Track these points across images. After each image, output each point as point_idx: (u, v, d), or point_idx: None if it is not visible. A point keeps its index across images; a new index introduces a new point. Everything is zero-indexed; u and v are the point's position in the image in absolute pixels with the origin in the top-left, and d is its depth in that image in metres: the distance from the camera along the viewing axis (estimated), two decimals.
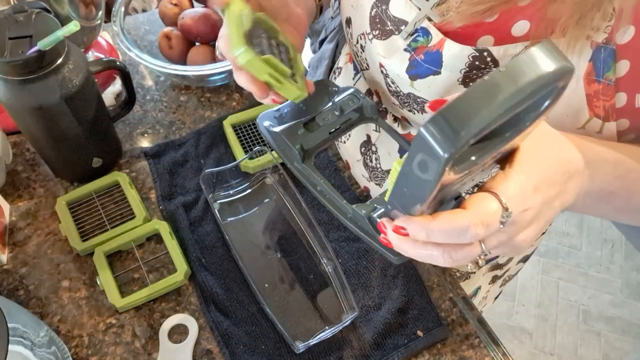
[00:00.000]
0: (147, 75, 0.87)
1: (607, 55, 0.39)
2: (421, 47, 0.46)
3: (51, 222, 0.70)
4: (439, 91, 0.47)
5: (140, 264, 0.67)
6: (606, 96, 0.40)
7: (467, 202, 0.34)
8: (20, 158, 0.76)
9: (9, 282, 0.65)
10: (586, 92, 0.41)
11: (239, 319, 0.63)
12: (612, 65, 0.39)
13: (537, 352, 1.70)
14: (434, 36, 0.45)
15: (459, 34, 0.44)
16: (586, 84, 0.40)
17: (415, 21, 0.45)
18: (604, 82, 0.40)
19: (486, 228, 0.33)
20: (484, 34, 0.43)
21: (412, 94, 0.50)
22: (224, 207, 0.72)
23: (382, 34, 0.49)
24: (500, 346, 0.63)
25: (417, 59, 0.46)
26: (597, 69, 0.39)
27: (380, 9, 0.48)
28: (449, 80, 0.45)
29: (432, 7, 0.44)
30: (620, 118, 0.42)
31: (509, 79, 0.28)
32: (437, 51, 0.45)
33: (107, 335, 0.62)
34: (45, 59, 0.58)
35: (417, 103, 0.50)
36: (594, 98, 0.41)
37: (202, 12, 0.81)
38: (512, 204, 0.34)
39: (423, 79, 0.47)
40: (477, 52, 0.43)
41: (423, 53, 0.46)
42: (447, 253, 0.35)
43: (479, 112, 0.28)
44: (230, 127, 0.77)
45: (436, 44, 0.45)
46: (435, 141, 0.28)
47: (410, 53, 0.47)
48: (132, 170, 0.76)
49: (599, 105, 0.41)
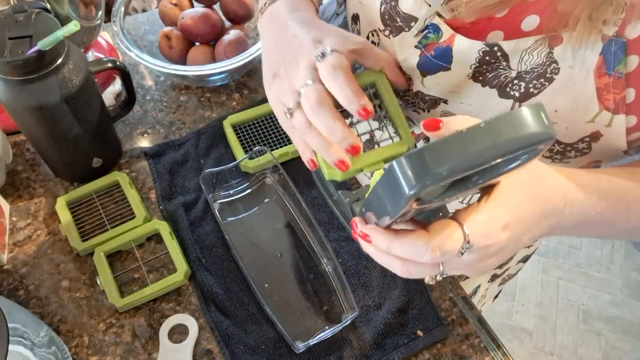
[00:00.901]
0: (147, 75, 0.87)
1: (618, 48, 0.38)
2: (432, 44, 0.46)
3: (51, 222, 0.70)
4: (448, 88, 0.47)
5: (140, 264, 0.67)
6: (616, 89, 0.40)
7: (433, 226, 0.35)
8: (20, 158, 0.76)
9: (9, 282, 0.65)
10: (596, 85, 0.40)
11: (239, 319, 0.63)
12: (622, 58, 0.39)
13: (537, 352, 1.70)
14: (444, 32, 0.45)
15: (469, 29, 0.44)
16: (596, 77, 0.40)
17: (425, 17, 0.45)
18: (614, 75, 0.39)
19: (444, 254, 0.35)
20: (493, 29, 0.43)
21: (420, 92, 0.50)
22: (224, 207, 0.72)
23: (393, 30, 0.49)
24: (501, 346, 0.63)
25: (428, 55, 0.46)
26: (607, 62, 0.39)
27: (390, 5, 0.48)
28: (459, 76, 0.45)
29: (442, 3, 0.44)
30: (630, 114, 0.41)
31: (486, 136, 0.30)
32: (447, 46, 0.45)
33: (107, 335, 0.62)
34: (45, 59, 0.58)
35: (425, 102, 0.50)
36: (604, 91, 0.40)
37: (202, 12, 0.81)
38: (475, 238, 0.35)
39: (433, 75, 0.47)
40: (487, 47, 0.42)
41: (433, 49, 0.46)
42: (406, 266, 0.37)
43: (449, 163, 0.29)
44: (230, 127, 0.77)
45: (446, 40, 0.45)
46: (404, 179, 0.30)
47: (421, 50, 0.47)
48: (132, 170, 0.76)
49: (609, 98, 0.41)
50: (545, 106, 0.42)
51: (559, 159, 0.48)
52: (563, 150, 0.46)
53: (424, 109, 0.51)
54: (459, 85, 0.46)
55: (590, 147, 0.45)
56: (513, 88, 0.43)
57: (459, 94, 0.47)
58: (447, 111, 0.49)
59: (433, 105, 0.50)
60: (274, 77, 0.44)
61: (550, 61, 0.41)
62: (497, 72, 0.43)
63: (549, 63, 0.41)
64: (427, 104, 0.50)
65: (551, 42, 0.40)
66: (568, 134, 0.44)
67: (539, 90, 0.42)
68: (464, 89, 0.46)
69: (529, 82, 0.42)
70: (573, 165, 0.50)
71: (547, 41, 0.40)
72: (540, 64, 0.41)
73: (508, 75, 0.43)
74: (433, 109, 0.50)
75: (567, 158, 0.47)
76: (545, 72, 0.41)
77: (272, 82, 0.45)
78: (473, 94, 0.46)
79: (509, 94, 0.44)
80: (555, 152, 0.47)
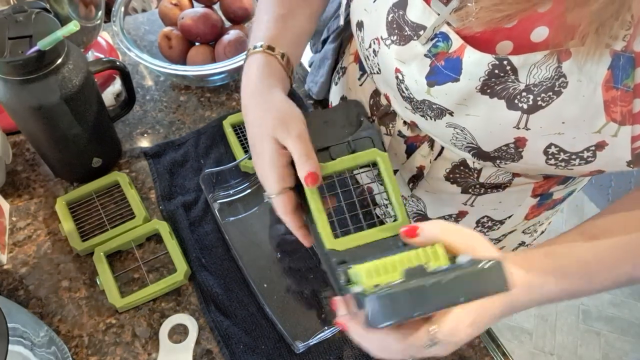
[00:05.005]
0: (147, 75, 0.87)
1: (626, 62, 0.39)
2: (442, 53, 0.46)
3: (51, 222, 0.70)
4: (456, 99, 0.47)
5: (140, 264, 0.67)
6: (624, 102, 0.41)
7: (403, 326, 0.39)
8: (20, 158, 0.76)
9: (9, 282, 0.65)
10: (604, 98, 0.41)
11: (239, 319, 0.63)
12: (630, 72, 0.39)
13: (537, 352, 1.70)
14: (453, 41, 0.45)
15: (478, 38, 0.44)
16: (604, 90, 0.41)
17: (434, 26, 0.45)
18: (622, 88, 0.40)
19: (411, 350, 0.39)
20: (503, 39, 0.43)
21: (428, 101, 0.50)
22: (224, 207, 0.72)
23: (401, 40, 0.48)
24: (500, 346, 0.63)
25: (438, 65, 0.46)
26: (615, 77, 0.40)
27: (398, 14, 0.48)
28: (467, 88, 0.45)
29: (451, 12, 0.44)
30: (635, 123, 0.42)
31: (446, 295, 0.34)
32: (457, 58, 0.45)
33: (107, 335, 0.62)
34: (45, 59, 0.58)
35: (432, 110, 0.50)
36: (611, 104, 0.41)
37: (202, 12, 0.81)
38: (441, 335, 0.38)
39: (441, 85, 0.47)
40: (497, 61, 0.43)
41: (444, 59, 0.46)
42: (379, 351, 0.41)
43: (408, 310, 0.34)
44: (230, 127, 0.77)
45: (456, 50, 0.45)
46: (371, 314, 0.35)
47: (431, 59, 0.47)
48: (132, 170, 0.76)
49: (616, 111, 0.41)
50: (553, 117, 0.43)
51: (563, 166, 0.48)
52: (568, 159, 0.47)
53: (432, 117, 0.51)
54: (466, 97, 0.46)
55: (595, 156, 0.45)
56: (521, 100, 0.44)
57: (466, 106, 0.47)
58: (452, 123, 0.50)
59: (439, 115, 0.50)
60: (254, 156, 0.52)
61: (559, 75, 0.41)
62: (506, 84, 0.44)
63: (558, 77, 0.41)
64: (434, 112, 0.50)
65: (560, 56, 0.40)
66: (574, 144, 0.45)
67: (547, 103, 0.43)
68: (470, 101, 0.46)
69: (537, 95, 0.43)
70: (576, 174, 0.50)
71: (556, 55, 0.40)
72: (548, 78, 0.41)
73: (517, 87, 0.43)
74: (439, 118, 0.51)
75: (571, 166, 0.48)
76: (554, 85, 0.42)
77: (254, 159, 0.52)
78: (480, 105, 0.46)
79: (517, 105, 0.44)
80: (560, 160, 0.47)
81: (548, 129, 0.44)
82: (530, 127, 0.45)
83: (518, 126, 0.45)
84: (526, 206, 0.63)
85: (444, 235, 0.40)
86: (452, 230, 0.40)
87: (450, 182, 0.61)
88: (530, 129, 0.45)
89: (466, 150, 0.52)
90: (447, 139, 0.53)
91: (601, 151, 0.45)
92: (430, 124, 0.53)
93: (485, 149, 0.50)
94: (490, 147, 0.49)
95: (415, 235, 0.41)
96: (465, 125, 0.49)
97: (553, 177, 0.59)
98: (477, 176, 0.59)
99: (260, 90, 0.52)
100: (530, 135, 0.46)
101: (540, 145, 0.46)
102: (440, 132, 0.53)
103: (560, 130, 0.44)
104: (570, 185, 0.63)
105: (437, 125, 0.52)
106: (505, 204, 0.63)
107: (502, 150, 0.49)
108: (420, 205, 0.68)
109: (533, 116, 0.44)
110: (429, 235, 0.40)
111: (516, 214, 0.65)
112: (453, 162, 0.59)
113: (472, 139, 0.50)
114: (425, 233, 0.40)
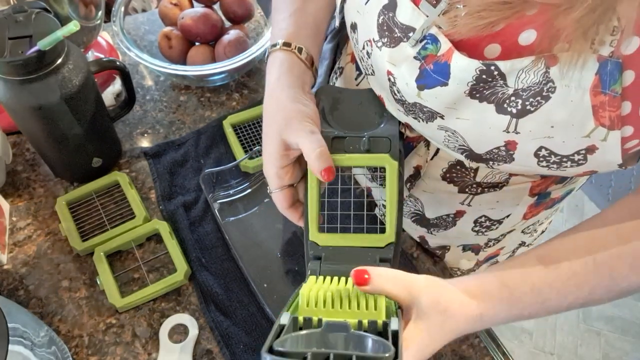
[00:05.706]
0: (147, 75, 0.87)
1: (614, 68, 0.39)
2: (431, 56, 0.46)
3: (51, 222, 0.70)
4: (446, 102, 0.47)
5: (140, 264, 0.67)
6: (612, 107, 0.41)
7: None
8: (20, 158, 0.76)
9: (9, 282, 0.65)
10: (592, 103, 0.41)
11: (239, 319, 0.63)
12: (618, 78, 0.40)
13: (537, 352, 1.70)
14: (442, 44, 0.45)
15: (466, 41, 0.44)
16: (592, 95, 0.41)
17: (422, 28, 0.45)
18: (610, 94, 0.40)
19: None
20: (490, 42, 0.43)
21: (419, 104, 0.50)
22: (224, 207, 0.72)
23: (391, 42, 0.49)
24: (500, 346, 0.63)
25: (427, 68, 0.47)
26: (603, 82, 0.40)
27: (388, 16, 0.48)
28: (456, 92, 0.46)
29: (439, 14, 0.44)
30: (624, 125, 0.42)
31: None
32: (445, 62, 0.45)
33: (107, 335, 0.62)
34: (45, 59, 0.58)
35: (423, 112, 0.50)
36: (599, 109, 0.41)
37: (202, 12, 0.81)
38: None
39: (430, 89, 0.47)
40: (484, 66, 0.43)
41: (432, 63, 0.46)
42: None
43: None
44: (230, 127, 0.77)
45: (445, 54, 0.45)
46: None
47: (421, 62, 0.47)
48: (132, 170, 0.76)
49: (604, 116, 0.42)
50: (542, 121, 0.43)
51: (555, 168, 0.48)
52: (559, 161, 0.47)
53: (423, 119, 0.52)
54: (456, 101, 0.46)
55: (586, 159, 0.46)
56: (510, 104, 0.44)
57: (456, 109, 0.47)
58: (443, 126, 0.50)
59: (430, 117, 0.51)
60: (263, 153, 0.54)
61: (547, 80, 0.41)
62: (495, 89, 0.44)
63: (546, 82, 0.41)
64: (425, 115, 0.51)
65: (547, 61, 0.41)
66: (564, 147, 0.45)
67: (536, 108, 0.43)
68: (460, 105, 0.47)
69: (526, 100, 0.43)
70: (569, 174, 0.50)
71: (544, 61, 0.41)
72: (536, 83, 0.42)
73: (505, 92, 0.44)
74: (430, 121, 0.51)
75: (563, 168, 0.48)
76: (542, 90, 0.42)
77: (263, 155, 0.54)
78: (470, 109, 0.46)
79: (506, 110, 0.44)
80: (552, 162, 0.48)
81: (537, 132, 0.45)
82: (519, 131, 0.45)
83: (508, 130, 0.46)
84: (524, 205, 0.63)
85: (389, 287, 0.41)
86: (398, 280, 0.42)
87: (447, 181, 0.61)
88: (520, 132, 0.45)
89: (459, 152, 0.52)
90: (440, 141, 0.53)
91: (592, 154, 0.45)
92: (423, 126, 0.53)
93: (477, 151, 0.50)
94: (481, 150, 0.50)
95: (366, 284, 0.41)
96: (455, 128, 0.49)
97: (550, 176, 0.59)
98: (473, 175, 0.59)
99: (274, 90, 0.54)
100: (520, 138, 0.46)
101: (530, 148, 0.47)
102: (433, 134, 0.53)
103: (549, 134, 0.44)
104: (568, 184, 0.63)
105: (429, 127, 0.52)
106: (503, 203, 0.63)
107: (494, 153, 0.49)
108: (418, 205, 0.68)
109: (522, 120, 0.44)
110: (378, 287, 0.41)
111: (514, 213, 0.65)
112: (449, 161, 0.59)
113: (463, 141, 0.50)
114: (375, 284, 0.41)
